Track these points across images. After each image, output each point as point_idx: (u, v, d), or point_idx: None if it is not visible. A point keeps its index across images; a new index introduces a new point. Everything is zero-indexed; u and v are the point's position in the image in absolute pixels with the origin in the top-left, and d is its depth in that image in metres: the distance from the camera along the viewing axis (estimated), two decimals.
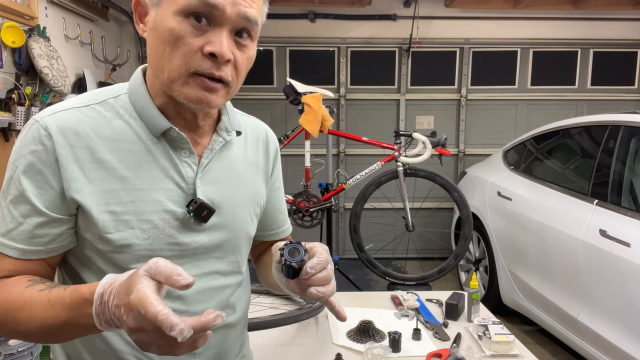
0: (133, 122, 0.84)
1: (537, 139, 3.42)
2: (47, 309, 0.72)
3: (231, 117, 0.93)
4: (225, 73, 0.79)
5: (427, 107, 4.71)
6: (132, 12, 0.85)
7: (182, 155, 0.86)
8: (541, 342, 3.12)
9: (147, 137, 0.83)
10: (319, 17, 4.50)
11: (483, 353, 1.51)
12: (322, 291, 0.74)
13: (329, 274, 0.76)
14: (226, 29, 0.77)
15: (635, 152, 2.48)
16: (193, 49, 0.76)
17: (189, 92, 0.78)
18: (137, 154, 0.82)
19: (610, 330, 2.30)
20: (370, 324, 1.63)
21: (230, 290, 0.94)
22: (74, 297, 0.70)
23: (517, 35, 4.60)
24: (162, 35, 0.77)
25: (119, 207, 0.80)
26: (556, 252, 2.72)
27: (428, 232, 4.21)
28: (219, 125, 0.91)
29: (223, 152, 0.91)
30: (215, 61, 0.77)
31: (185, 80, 0.78)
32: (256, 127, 1.03)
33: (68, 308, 0.70)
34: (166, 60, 0.78)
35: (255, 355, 1.52)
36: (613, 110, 3.11)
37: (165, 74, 0.78)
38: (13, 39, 2.60)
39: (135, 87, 0.86)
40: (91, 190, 0.79)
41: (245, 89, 4.55)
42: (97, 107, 0.83)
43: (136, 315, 0.60)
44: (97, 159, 0.80)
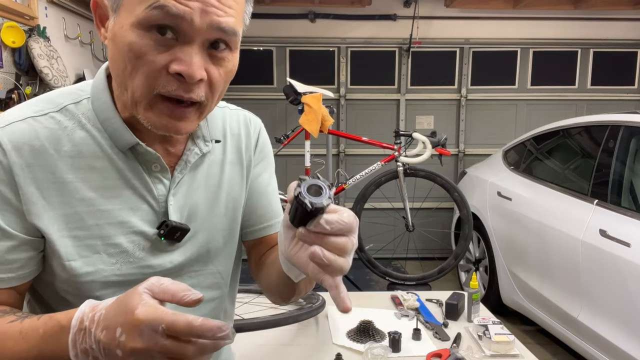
0: (97, 134, 0.74)
1: (537, 139, 3.42)
2: (18, 342, 0.63)
3: (210, 122, 0.82)
4: (197, 94, 0.67)
5: (427, 107, 4.71)
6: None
7: (153, 170, 0.77)
8: (541, 342, 3.12)
9: (113, 151, 0.74)
10: (319, 17, 4.50)
11: (483, 353, 1.51)
12: (330, 257, 0.55)
13: (346, 244, 0.56)
14: (197, 42, 0.65)
15: (635, 152, 2.48)
16: (156, 68, 0.65)
17: (154, 120, 0.68)
18: (101, 171, 0.73)
19: (610, 330, 2.30)
20: (370, 324, 1.63)
21: (211, 304, 0.86)
22: (48, 327, 0.62)
23: (517, 35, 4.60)
24: (121, 50, 0.66)
25: (82, 232, 0.72)
26: (556, 252, 2.72)
27: (428, 232, 4.21)
28: (195, 133, 0.80)
29: (199, 161, 0.82)
30: (183, 81, 0.65)
31: (149, 104, 0.68)
32: (236, 118, 0.91)
33: (41, 339, 0.62)
34: (128, 78, 0.67)
35: (255, 355, 1.52)
36: (613, 110, 3.11)
37: (129, 93, 0.68)
38: (13, 39, 2.60)
39: (98, 94, 0.75)
40: (51, 215, 0.71)
41: (245, 89, 4.55)
42: (57, 115, 0.73)
43: (145, 331, 0.53)
44: (57, 179, 0.71)
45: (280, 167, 4.57)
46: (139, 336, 0.54)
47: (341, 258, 0.56)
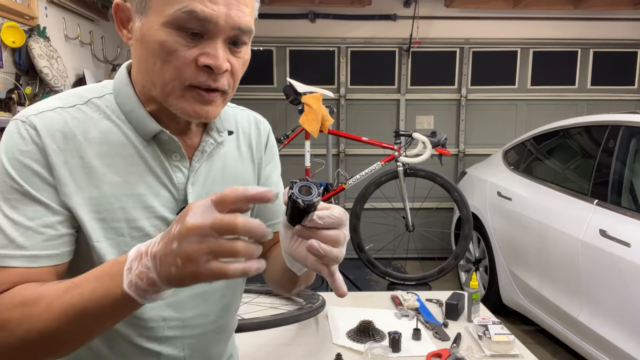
0: (122, 124, 0.79)
1: (537, 139, 3.42)
2: (69, 290, 0.64)
3: (222, 116, 0.89)
4: (222, 83, 0.75)
5: (427, 107, 4.71)
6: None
7: (173, 159, 0.82)
8: (541, 342, 3.12)
9: (137, 140, 0.79)
10: (319, 17, 4.50)
11: (483, 353, 1.51)
12: (325, 249, 0.63)
13: (339, 236, 0.65)
14: (220, 39, 0.73)
15: (635, 152, 2.48)
16: (187, 62, 0.72)
17: (185, 107, 0.75)
18: (127, 157, 0.78)
19: (610, 330, 2.30)
20: (370, 324, 1.63)
21: (221, 292, 0.90)
22: (104, 267, 0.65)
23: (517, 35, 4.60)
24: (151, 48, 0.72)
25: (109, 214, 0.76)
26: (556, 252, 2.72)
27: (428, 232, 4.21)
28: (210, 125, 0.87)
29: (214, 152, 0.87)
30: (211, 73, 0.73)
31: (181, 93, 0.74)
32: (247, 118, 0.98)
33: (95, 279, 0.63)
34: (157, 74, 0.74)
35: (255, 355, 1.52)
36: (613, 110, 3.11)
37: (158, 88, 0.75)
38: (13, 39, 2.59)
39: (121, 89, 0.81)
40: (80, 197, 0.75)
41: (245, 89, 4.55)
42: (83, 107, 0.78)
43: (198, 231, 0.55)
44: (86, 164, 0.76)
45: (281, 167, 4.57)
46: (192, 214, 0.56)
47: (335, 248, 0.65)
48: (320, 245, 0.63)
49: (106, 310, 0.63)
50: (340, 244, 0.65)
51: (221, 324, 0.92)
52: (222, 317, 0.91)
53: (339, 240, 0.65)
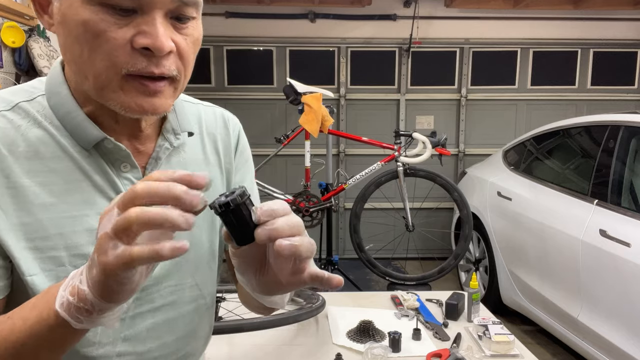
0: (56, 132, 0.66)
1: (537, 139, 3.42)
2: (3, 323, 0.57)
3: (179, 114, 0.75)
4: (168, 68, 0.61)
5: (427, 107, 4.71)
6: None
7: (122, 170, 0.69)
8: (541, 342, 3.12)
9: (75, 149, 0.66)
10: (319, 17, 4.50)
11: (483, 353, 1.51)
12: (296, 240, 0.52)
13: (293, 221, 0.54)
14: (159, 12, 0.59)
15: (635, 152, 2.48)
16: (119, 44, 0.58)
17: (125, 101, 0.61)
18: (63, 173, 0.65)
19: (610, 330, 2.30)
20: (370, 324, 1.63)
21: (189, 318, 0.77)
22: (41, 293, 0.57)
23: (517, 35, 4.60)
24: (74, 32, 0.59)
25: (44, 242, 0.63)
26: (556, 252, 2.72)
27: (428, 232, 4.21)
28: (165, 127, 0.73)
29: (172, 158, 0.74)
30: (151, 56, 0.59)
31: (119, 84, 0.61)
32: (212, 116, 0.83)
33: (31, 306, 0.56)
34: (87, 64, 0.60)
35: (255, 355, 1.52)
36: (613, 110, 3.11)
37: (91, 81, 0.61)
38: (13, 39, 2.60)
39: (54, 89, 0.68)
40: (8, 224, 0.62)
41: (245, 89, 4.55)
42: (8, 114, 0.65)
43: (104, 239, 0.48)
44: (13, 183, 0.62)
45: (280, 167, 4.57)
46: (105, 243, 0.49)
47: (305, 237, 0.54)
48: (291, 240, 0.52)
49: (40, 339, 0.54)
50: (300, 229, 0.54)
51: (186, 351, 0.79)
52: (187, 344, 0.78)
53: (298, 225, 0.54)
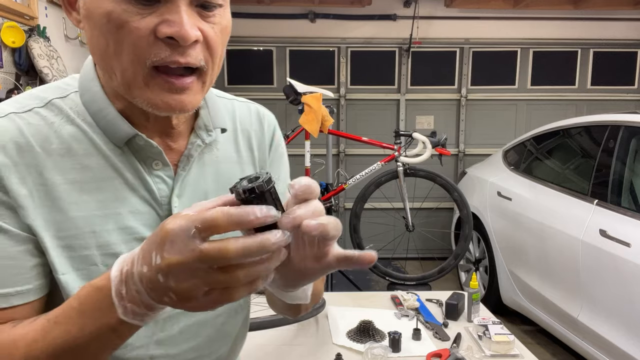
0: (88, 129, 0.65)
1: (537, 139, 3.42)
2: (51, 330, 0.55)
3: (212, 110, 0.73)
4: (195, 58, 0.59)
5: (427, 107, 4.71)
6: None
7: (154, 168, 0.67)
8: (541, 342, 3.12)
9: (108, 147, 0.65)
10: (319, 17, 4.50)
11: (483, 353, 1.51)
12: (322, 219, 0.49)
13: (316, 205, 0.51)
14: (184, 1, 0.57)
15: (635, 152, 2.48)
16: (143, 35, 0.56)
17: (151, 98, 0.59)
18: (95, 170, 0.64)
19: (610, 330, 2.30)
20: (370, 324, 1.63)
21: (222, 319, 0.75)
22: (83, 298, 0.54)
23: (517, 35, 4.60)
24: (99, 25, 0.58)
25: (77, 240, 0.62)
26: (556, 252, 2.72)
27: (428, 232, 4.21)
28: (197, 123, 0.71)
29: (205, 155, 0.72)
30: (176, 45, 0.57)
31: (144, 80, 0.59)
32: (247, 112, 0.81)
33: (79, 313, 0.53)
34: (113, 57, 0.58)
35: (255, 355, 1.52)
36: (613, 110, 3.11)
37: (118, 75, 0.60)
38: (13, 39, 2.60)
39: (87, 85, 0.66)
40: (42, 221, 0.61)
41: (245, 89, 4.55)
42: (42, 111, 0.64)
43: (177, 240, 0.45)
44: (46, 180, 0.62)
45: None
46: (171, 247, 0.45)
47: (329, 216, 0.51)
48: (319, 219, 0.49)
49: (102, 342, 0.54)
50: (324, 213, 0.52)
51: (220, 354, 0.77)
52: (221, 346, 0.77)
53: (321, 208, 0.51)
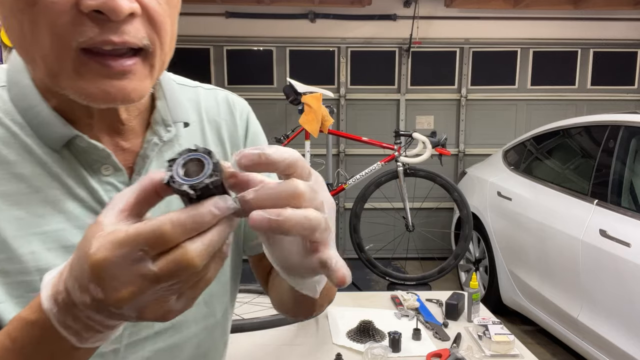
0: (19, 131, 0.54)
1: (537, 139, 3.43)
2: None
3: (171, 101, 0.61)
4: (134, 36, 0.47)
5: (427, 107, 4.71)
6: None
7: (103, 174, 0.56)
8: (541, 342, 3.12)
9: (43, 151, 0.54)
10: (319, 17, 4.50)
11: (483, 353, 1.51)
12: (273, 214, 0.37)
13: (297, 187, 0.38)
14: None
15: (635, 152, 2.48)
16: (62, 9, 0.44)
17: (85, 87, 0.47)
18: (30, 179, 0.53)
19: (610, 330, 2.30)
20: (370, 324, 1.63)
21: (196, 340, 0.64)
22: (17, 335, 0.43)
23: (517, 35, 4.60)
24: (7, 2, 0.46)
25: (12, 265, 0.51)
26: (556, 252, 2.72)
27: (428, 232, 4.21)
28: (153, 118, 0.59)
29: (164, 154, 0.61)
30: (106, 20, 0.45)
31: (75, 67, 0.47)
32: (214, 99, 0.69)
33: (18, 354, 0.43)
34: (30, 42, 0.47)
35: (255, 355, 1.52)
36: (613, 110, 3.11)
37: (40, 64, 0.48)
38: None
39: (15, 77, 0.55)
40: None
41: (245, 89, 4.55)
42: None
43: (116, 271, 0.36)
44: None
45: None
46: (114, 281, 0.36)
47: (302, 210, 0.38)
48: (270, 212, 0.37)
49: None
50: (304, 198, 0.38)
51: None
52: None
53: (298, 191, 0.38)
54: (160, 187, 0.37)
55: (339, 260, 0.41)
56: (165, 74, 0.62)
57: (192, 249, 0.35)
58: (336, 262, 0.41)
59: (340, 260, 0.41)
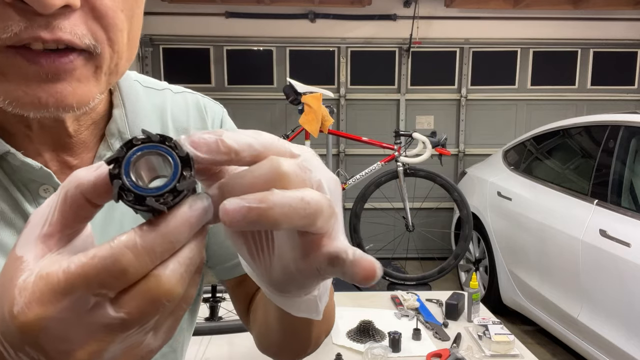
0: None
1: (537, 139, 3.43)
2: None
3: (130, 110, 0.52)
4: (70, 32, 0.37)
5: (427, 107, 4.71)
6: None
7: (42, 196, 0.48)
8: (541, 342, 3.12)
9: None
10: (319, 17, 4.50)
11: (483, 353, 1.51)
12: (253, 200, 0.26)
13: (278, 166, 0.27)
14: None
15: (635, 152, 2.48)
16: None
17: (10, 91, 0.38)
18: None
19: (610, 330, 2.30)
20: (370, 324, 1.63)
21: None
22: None
23: (517, 35, 4.60)
24: None
25: None
26: (556, 252, 2.72)
27: (428, 232, 4.21)
28: (109, 129, 0.51)
29: None
30: (33, 13, 0.36)
31: (1, 71, 0.38)
32: (183, 105, 0.59)
33: None
34: None
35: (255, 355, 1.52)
36: (613, 110, 3.11)
37: None
38: None
39: None
40: None
41: (245, 89, 4.55)
42: None
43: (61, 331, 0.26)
44: None
45: None
46: (64, 342, 0.26)
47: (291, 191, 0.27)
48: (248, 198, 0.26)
49: None
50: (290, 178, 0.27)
51: None
52: None
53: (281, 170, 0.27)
54: (95, 193, 0.27)
55: (356, 250, 0.30)
56: (128, 75, 0.53)
57: (167, 275, 0.26)
58: (353, 252, 0.30)
59: (357, 249, 0.30)
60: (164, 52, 4.52)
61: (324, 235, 0.29)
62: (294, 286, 0.33)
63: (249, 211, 0.26)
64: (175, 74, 4.48)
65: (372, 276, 0.30)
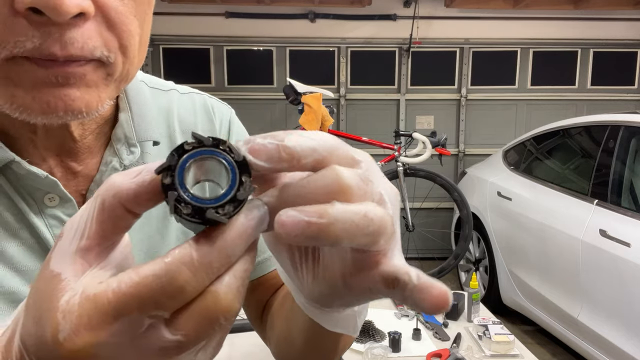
0: None
1: (537, 139, 3.43)
2: None
3: (137, 114, 0.51)
4: (82, 46, 0.37)
5: (427, 107, 4.71)
6: None
7: (47, 205, 0.46)
8: (541, 342, 3.12)
9: None
10: (319, 17, 4.50)
11: (483, 353, 1.51)
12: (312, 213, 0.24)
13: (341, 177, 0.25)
14: None
15: (635, 152, 2.48)
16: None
17: (18, 96, 0.37)
18: None
19: (610, 330, 2.30)
20: (370, 324, 1.63)
21: None
22: None
23: (517, 35, 4.60)
24: None
25: None
26: (556, 252, 2.72)
27: (428, 232, 4.21)
28: (115, 134, 0.50)
29: None
30: (48, 24, 0.35)
31: (4, 70, 0.37)
32: (191, 105, 0.59)
33: None
34: None
35: (255, 355, 1.52)
36: (613, 110, 3.11)
37: None
38: None
39: None
40: None
41: (245, 89, 4.55)
42: None
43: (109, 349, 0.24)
44: None
45: None
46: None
47: (355, 205, 0.25)
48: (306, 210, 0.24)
49: None
50: (352, 192, 0.26)
51: None
52: None
53: (342, 182, 0.25)
54: (136, 202, 0.25)
55: (420, 272, 0.27)
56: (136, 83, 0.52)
57: (224, 291, 0.24)
58: (417, 275, 0.27)
59: (421, 272, 0.27)
60: (164, 52, 4.52)
61: (380, 252, 0.27)
62: (337, 302, 0.31)
63: (308, 226, 0.24)
64: (175, 74, 4.48)
65: (444, 306, 0.27)
